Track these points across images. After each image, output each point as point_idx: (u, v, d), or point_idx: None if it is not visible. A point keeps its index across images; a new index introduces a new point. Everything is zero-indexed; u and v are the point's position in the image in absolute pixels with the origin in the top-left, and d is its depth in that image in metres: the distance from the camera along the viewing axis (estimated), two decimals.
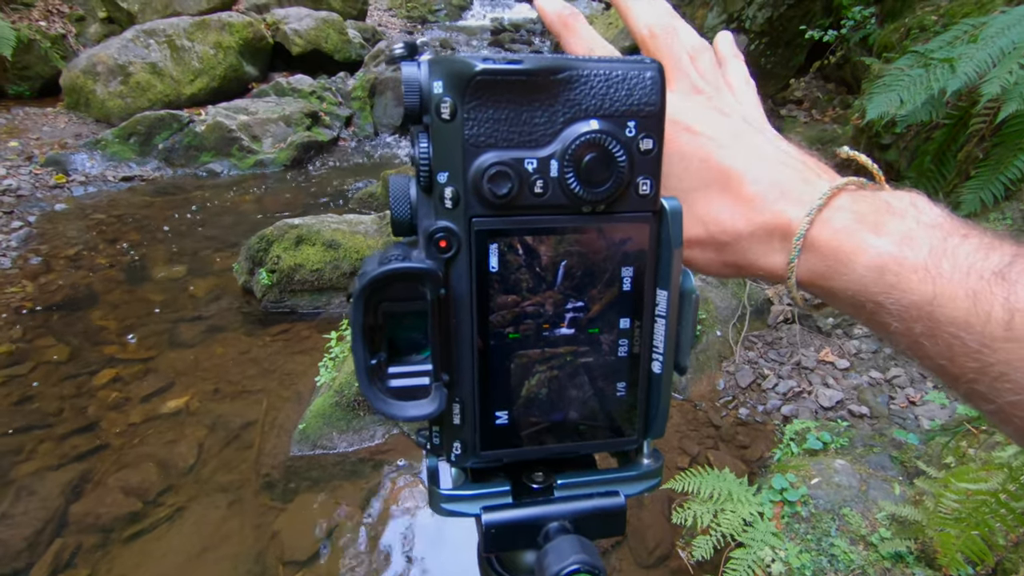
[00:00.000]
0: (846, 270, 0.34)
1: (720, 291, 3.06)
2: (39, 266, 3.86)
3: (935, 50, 3.00)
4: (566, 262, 0.32)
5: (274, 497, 2.26)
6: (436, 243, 0.30)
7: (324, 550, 2.06)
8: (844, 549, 1.73)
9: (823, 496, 1.92)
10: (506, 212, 0.30)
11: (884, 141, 3.75)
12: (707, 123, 0.39)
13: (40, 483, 2.31)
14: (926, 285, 0.31)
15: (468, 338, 0.32)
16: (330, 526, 2.14)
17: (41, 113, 6.18)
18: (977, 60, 2.68)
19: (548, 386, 0.34)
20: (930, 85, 2.82)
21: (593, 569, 0.31)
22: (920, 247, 0.32)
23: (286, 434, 2.53)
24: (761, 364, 2.83)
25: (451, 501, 0.35)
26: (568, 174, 0.30)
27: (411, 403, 0.31)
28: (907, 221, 0.33)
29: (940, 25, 3.66)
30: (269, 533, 2.11)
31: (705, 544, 1.80)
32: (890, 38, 4.17)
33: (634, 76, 0.30)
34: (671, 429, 2.54)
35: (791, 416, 2.51)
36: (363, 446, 2.48)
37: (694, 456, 2.41)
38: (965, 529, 1.26)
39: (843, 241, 0.34)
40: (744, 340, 2.95)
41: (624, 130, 0.30)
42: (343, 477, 2.35)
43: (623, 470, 0.37)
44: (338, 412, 2.52)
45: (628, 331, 0.34)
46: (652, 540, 2.07)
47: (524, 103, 0.30)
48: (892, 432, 2.30)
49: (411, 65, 0.30)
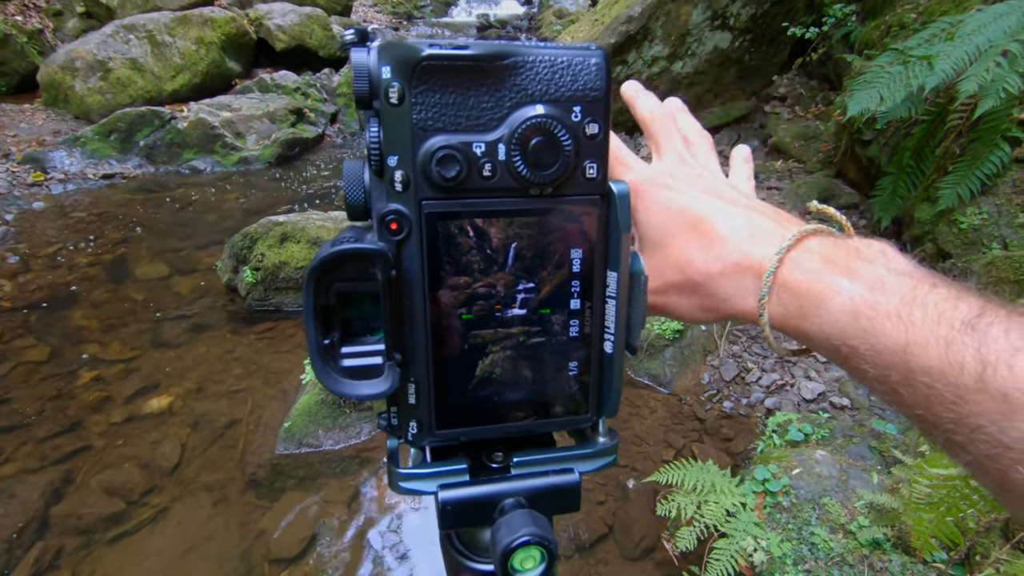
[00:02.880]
0: (819, 312, 0.34)
1: None
2: (17, 265, 3.80)
3: (914, 47, 3.04)
4: (516, 244, 0.32)
5: (260, 496, 2.25)
6: (387, 225, 0.31)
7: (310, 548, 2.06)
8: (824, 537, 1.77)
9: (804, 486, 1.95)
10: (456, 195, 0.31)
11: (865, 137, 3.81)
12: (686, 181, 0.42)
13: (20, 485, 2.27)
14: (899, 331, 0.31)
15: (421, 318, 0.32)
16: (316, 524, 2.14)
17: (18, 110, 6.06)
18: (955, 57, 2.72)
19: (502, 366, 0.34)
20: (909, 82, 2.87)
21: (543, 541, 0.31)
22: (892, 293, 0.32)
23: (271, 432, 2.52)
24: (745, 358, 2.86)
25: (408, 479, 0.35)
26: (515, 157, 0.31)
27: (364, 382, 0.31)
28: (877, 267, 0.34)
29: (919, 23, 3.72)
30: (255, 532, 2.10)
31: (689, 535, 1.82)
32: (871, 35, 4.22)
33: (579, 62, 0.31)
34: (656, 423, 2.56)
35: (774, 409, 2.55)
36: (349, 443, 2.47)
37: (679, 449, 2.44)
38: (939, 514, 1.28)
39: (814, 283, 0.35)
40: (728, 334, 2.98)
41: (570, 115, 0.31)
42: (329, 475, 2.35)
43: (579, 448, 0.38)
44: (324, 410, 2.51)
45: (579, 312, 0.34)
46: (638, 533, 2.09)
47: (471, 88, 0.30)
48: (872, 423, 2.34)
49: (361, 51, 0.30)
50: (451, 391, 0.34)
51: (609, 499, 2.23)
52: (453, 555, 0.38)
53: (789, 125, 4.87)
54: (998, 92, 2.56)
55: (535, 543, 0.31)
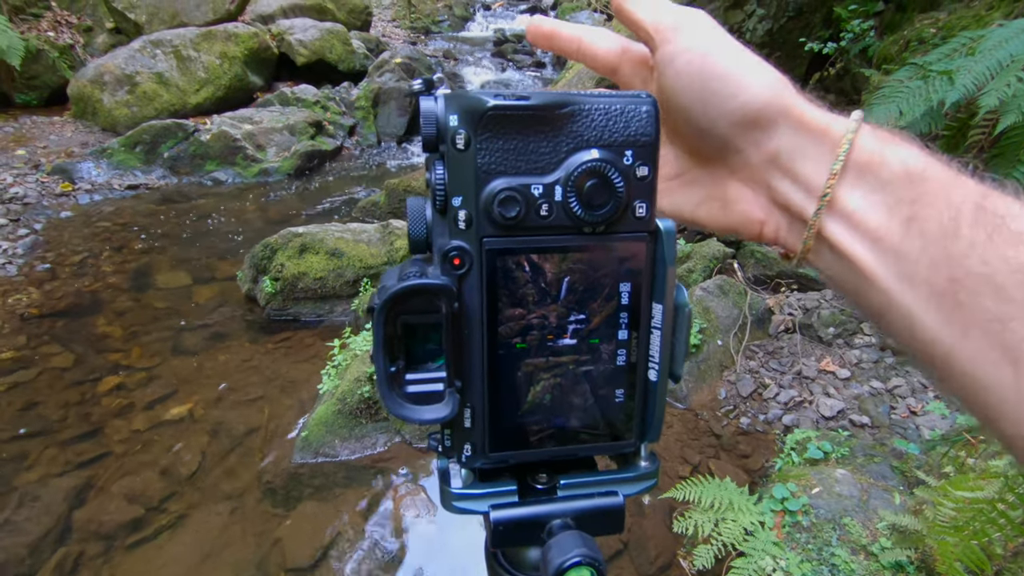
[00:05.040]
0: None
1: (722, 301, 3.08)
2: (45, 273, 3.89)
3: (934, 62, 3.03)
4: (569, 278, 0.34)
5: (276, 504, 2.27)
6: (450, 260, 0.33)
7: (326, 558, 2.07)
8: (845, 559, 1.73)
9: (824, 505, 1.92)
10: (514, 233, 0.33)
11: None
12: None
13: (44, 490, 2.32)
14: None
15: (479, 348, 0.34)
16: (332, 534, 2.15)
17: (48, 122, 6.25)
18: (975, 72, 2.71)
19: (552, 392, 0.36)
20: (929, 97, 2.85)
21: (594, 562, 0.33)
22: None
23: (288, 442, 2.54)
24: (762, 373, 2.83)
25: (462, 499, 0.37)
26: (571, 198, 0.33)
27: (426, 407, 0.33)
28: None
29: (939, 38, 3.70)
30: (271, 540, 2.12)
31: (706, 553, 1.80)
32: (889, 50, 4.21)
33: (631, 110, 0.33)
34: (672, 438, 2.54)
35: (792, 425, 2.51)
36: (365, 454, 2.49)
37: (696, 465, 2.41)
38: (964, 538, 1.26)
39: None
40: (745, 349, 2.95)
41: (622, 159, 0.33)
42: (345, 485, 2.36)
43: (622, 472, 0.39)
44: (340, 420, 2.53)
45: (626, 342, 0.36)
46: (654, 549, 2.07)
47: (531, 135, 0.32)
48: (893, 442, 2.30)
49: (428, 99, 0.32)
50: (504, 416, 0.36)
51: (625, 515, 2.21)
52: (500, 573, 0.39)
53: None
54: (1020, 107, 2.53)
55: (586, 563, 0.33)
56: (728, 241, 3.67)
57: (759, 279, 3.47)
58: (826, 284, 0.35)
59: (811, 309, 3.19)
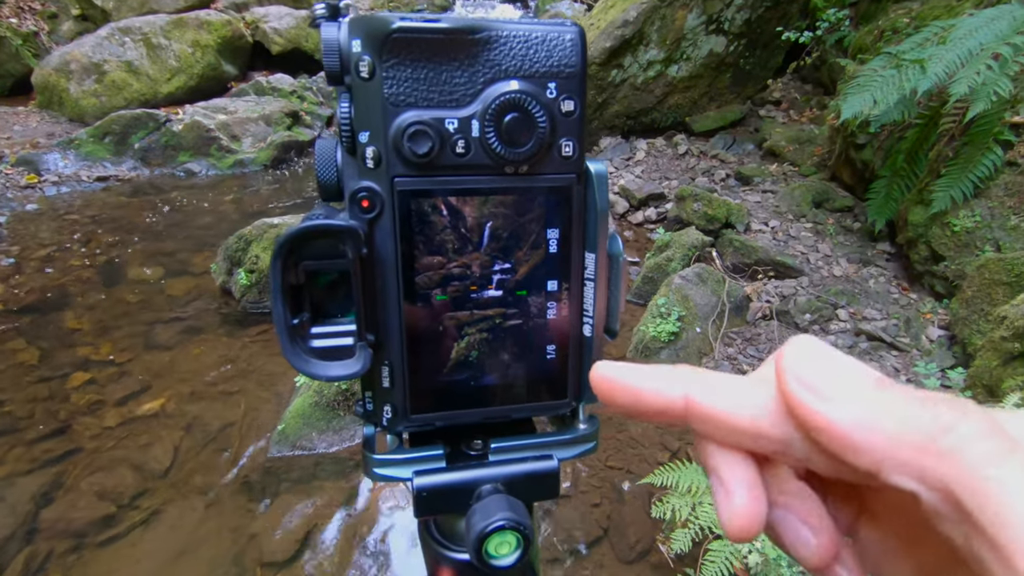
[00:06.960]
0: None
1: (700, 289, 3.09)
2: (9, 268, 3.77)
3: (907, 51, 3.06)
4: (491, 223, 0.32)
5: (252, 499, 2.23)
6: (359, 203, 0.30)
7: (303, 551, 2.04)
8: None
9: None
10: (429, 172, 0.30)
11: (859, 141, 3.83)
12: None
13: (9, 489, 2.25)
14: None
15: (394, 299, 0.32)
16: (309, 527, 2.12)
17: (12, 112, 6.03)
18: (947, 61, 2.75)
19: (478, 348, 0.33)
20: (902, 85, 2.88)
21: (518, 526, 0.31)
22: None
23: (265, 435, 2.50)
24: (740, 360, 2.86)
25: (383, 465, 0.34)
26: (489, 134, 0.30)
27: (334, 363, 0.31)
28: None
29: (912, 27, 3.74)
30: (247, 535, 2.09)
31: (684, 537, 1.81)
32: (864, 40, 4.25)
33: (554, 38, 0.30)
34: (651, 425, 2.56)
35: None
36: (343, 446, 2.46)
37: (674, 451, 2.43)
38: None
39: None
40: (723, 336, 2.98)
41: (545, 91, 0.30)
42: (323, 477, 2.33)
43: (558, 434, 0.37)
44: (317, 412, 2.49)
45: (556, 294, 0.34)
46: (633, 536, 2.08)
47: (444, 63, 0.30)
48: None
49: (331, 25, 0.29)
50: (425, 374, 0.33)
51: (604, 502, 2.22)
52: (432, 544, 0.37)
53: (784, 129, 4.90)
54: (989, 95, 2.58)
55: (510, 528, 0.30)
56: (707, 230, 3.69)
57: (737, 267, 3.50)
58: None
59: (788, 296, 3.23)
